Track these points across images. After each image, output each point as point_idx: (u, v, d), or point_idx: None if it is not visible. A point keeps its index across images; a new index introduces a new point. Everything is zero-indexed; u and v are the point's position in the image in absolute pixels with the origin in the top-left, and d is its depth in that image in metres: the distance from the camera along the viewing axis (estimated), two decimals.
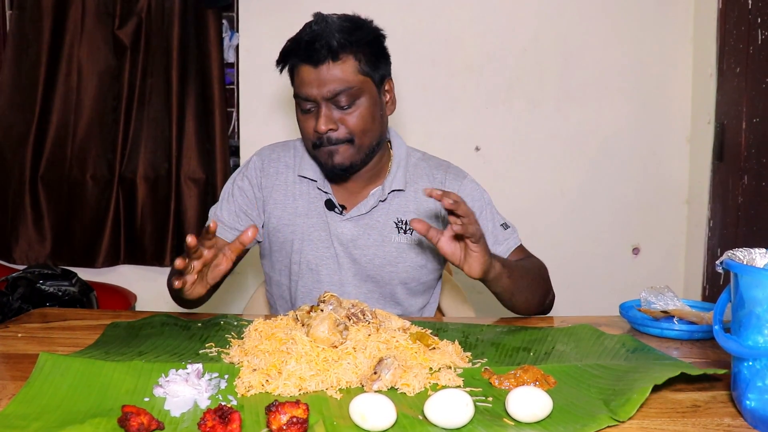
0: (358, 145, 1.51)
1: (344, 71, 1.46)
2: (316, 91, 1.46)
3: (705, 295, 2.69)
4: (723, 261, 0.97)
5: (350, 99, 1.47)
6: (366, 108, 1.50)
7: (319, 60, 1.45)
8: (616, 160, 2.88)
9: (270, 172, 1.66)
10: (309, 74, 1.46)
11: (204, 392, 1.02)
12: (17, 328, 1.39)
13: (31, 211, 2.91)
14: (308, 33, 1.47)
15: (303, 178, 1.64)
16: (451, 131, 2.85)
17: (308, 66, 1.46)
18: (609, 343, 1.30)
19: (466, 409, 0.91)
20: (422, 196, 1.61)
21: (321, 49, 1.44)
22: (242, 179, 1.67)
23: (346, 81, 1.46)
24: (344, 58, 1.46)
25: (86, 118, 2.89)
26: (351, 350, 1.12)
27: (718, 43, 2.61)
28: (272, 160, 1.68)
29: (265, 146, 1.73)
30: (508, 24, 2.83)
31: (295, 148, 1.69)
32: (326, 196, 1.61)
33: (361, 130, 1.50)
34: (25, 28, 2.86)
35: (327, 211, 1.61)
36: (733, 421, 0.96)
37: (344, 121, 1.48)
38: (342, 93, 1.46)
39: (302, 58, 1.47)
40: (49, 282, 2.59)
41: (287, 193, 1.64)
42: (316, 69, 1.45)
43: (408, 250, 1.61)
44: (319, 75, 1.45)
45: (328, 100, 1.46)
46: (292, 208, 1.63)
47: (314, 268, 1.62)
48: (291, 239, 1.63)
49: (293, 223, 1.62)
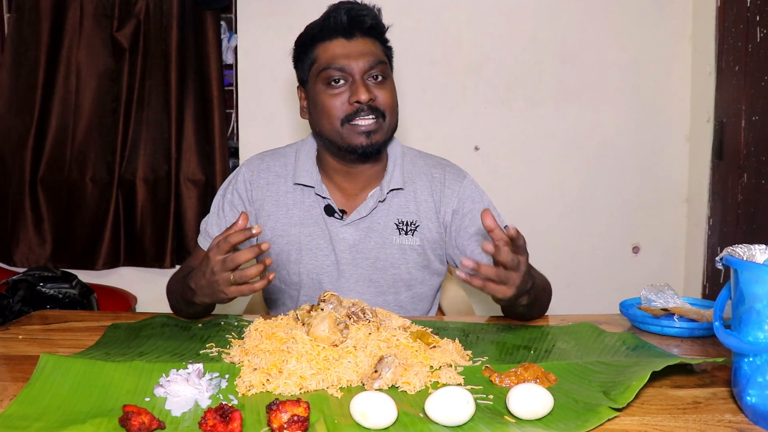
0: (388, 122, 1.53)
1: (376, 47, 1.53)
2: (354, 62, 1.48)
3: (705, 293, 2.70)
4: (723, 257, 0.97)
5: (384, 74, 1.52)
6: (393, 86, 1.55)
7: (361, 32, 1.50)
8: (615, 158, 2.89)
9: (260, 184, 1.63)
10: (345, 47, 1.49)
11: (205, 392, 1.02)
12: (18, 330, 1.39)
13: (31, 214, 2.91)
14: (346, 8, 1.50)
15: (298, 186, 1.60)
16: (450, 131, 2.86)
17: (343, 39, 1.49)
18: (609, 340, 1.30)
19: (467, 407, 0.91)
20: (421, 195, 1.60)
21: (366, 21, 1.50)
22: (232, 193, 1.64)
23: (380, 56, 1.52)
24: (376, 38, 1.54)
25: (85, 121, 2.90)
26: (351, 349, 1.12)
27: (717, 41, 2.61)
28: (261, 170, 1.64)
29: (254, 156, 1.69)
30: (507, 24, 2.83)
31: (286, 156, 1.66)
32: (325, 201, 1.58)
33: (392, 105, 1.53)
34: (24, 31, 2.87)
35: (326, 218, 1.58)
36: (734, 417, 0.96)
37: (379, 95, 1.50)
38: (378, 66, 1.50)
39: (341, 32, 1.49)
40: (49, 284, 2.58)
41: (279, 204, 1.61)
42: (352, 42, 1.49)
43: (410, 251, 1.59)
44: (357, 47, 1.49)
45: (365, 72, 1.49)
46: (286, 218, 1.60)
47: (315, 278, 1.60)
48: (287, 250, 1.60)
49: (288, 234, 1.59)
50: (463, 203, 1.61)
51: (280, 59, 2.81)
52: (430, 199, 1.61)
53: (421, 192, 1.61)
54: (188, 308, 1.44)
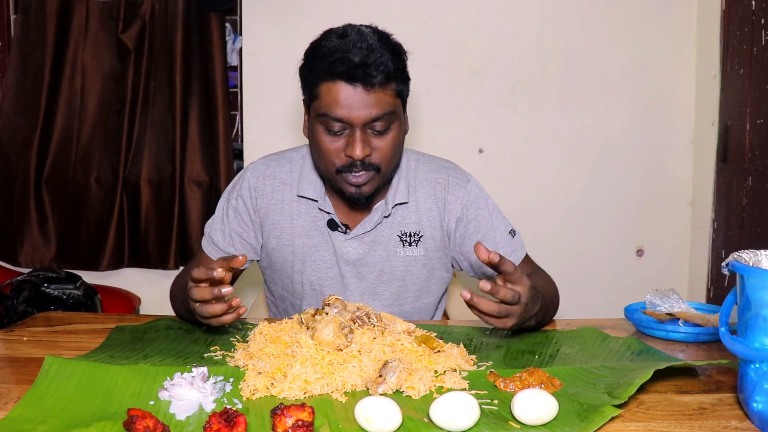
0: (383, 173, 1.45)
1: (385, 95, 1.38)
2: (356, 114, 1.35)
3: (709, 297, 2.69)
4: (729, 263, 0.97)
5: (387, 125, 1.40)
6: (397, 133, 1.43)
7: (372, 84, 1.34)
8: (619, 161, 2.88)
9: (265, 191, 1.59)
10: (349, 96, 1.35)
11: (209, 395, 1.02)
12: (22, 332, 1.39)
13: (35, 215, 2.91)
14: (358, 54, 1.34)
15: (302, 198, 1.57)
16: (454, 133, 2.85)
17: (348, 86, 1.35)
18: (614, 345, 1.30)
19: (471, 412, 0.91)
20: (423, 205, 1.57)
21: (377, 75, 1.34)
22: (236, 199, 1.60)
23: (387, 105, 1.38)
24: (390, 83, 1.38)
25: (90, 122, 2.90)
26: (356, 353, 1.12)
27: (721, 44, 2.60)
28: (267, 177, 1.59)
29: (259, 160, 1.64)
30: (511, 26, 2.83)
31: (292, 162, 1.61)
32: (328, 216, 1.55)
33: (390, 157, 1.43)
34: (30, 33, 2.87)
35: (330, 232, 1.56)
36: (740, 423, 0.96)
37: (377, 147, 1.40)
38: (381, 118, 1.38)
39: (347, 78, 1.34)
40: (53, 285, 2.59)
41: (284, 213, 1.58)
42: (358, 90, 1.35)
43: (414, 262, 1.58)
44: (362, 98, 1.35)
45: (366, 125, 1.38)
46: (290, 228, 1.57)
47: (318, 289, 1.59)
48: (291, 260, 1.58)
49: (292, 244, 1.57)
50: (468, 209, 1.58)
51: (284, 61, 2.81)
52: (433, 207, 1.58)
53: (423, 201, 1.58)
54: (189, 316, 1.41)
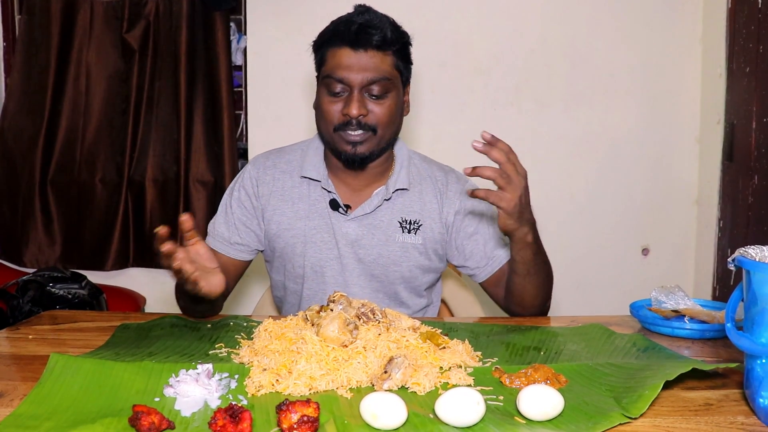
0: (380, 136, 1.53)
1: (384, 62, 1.50)
2: (354, 75, 1.48)
3: (715, 296, 2.68)
4: (735, 258, 0.96)
5: (383, 90, 1.50)
6: (393, 102, 1.53)
7: (367, 46, 1.48)
8: (625, 160, 2.88)
9: (266, 180, 1.65)
10: (350, 58, 1.48)
11: (214, 392, 1.02)
12: (28, 330, 1.39)
13: (41, 215, 2.92)
14: (360, 18, 1.49)
15: (304, 180, 1.63)
16: (459, 133, 2.85)
17: (350, 50, 1.48)
18: (620, 342, 1.29)
19: (477, 408, 0.91)
20: (426, 196, 1.63)
21: (374, 35, 1.47)
22: (239, 190, 1.67)
23: (385, 71, 1.50)
24: (387, 50, 1.50)
25: (95, 122, 2.91)
26: (361, 350, 1.12)
27: (727, 42, 2.60)
28: (267, 167, 1.67)
29: (259, 155, 1.73)
30: (516, 26, 2.83)
31: (292, 153, 1.69)
32: (330, 195, 1.61)
33: (386, 122, 1.52)
34: (34, 33, 2.88)
35: (331, 212, 1.61)
36: (746, 419, 0.95)
37: (373, 111, 1.51)
38: (378, 82, 1.49)
39: (349, 41, 1.48)
40: (59, 285, 2.60)
41: (285, 198, 1.63)
42: (358, 54, 1.48)
43: (412, 249, 1.61)
44: (361, 60, 1.48)
45: (363, 87, 1.49)
46: (292, 212, 1.62)
47: (318, 270, 1.62)
48: (292, 243, 1.62)
49: (294, 227, 1.62)
50: (465, 203, 1.64)
51: (289, 60, 2.81)
52: (434, 200, 1.63)
53: (426, 193, 1.64)
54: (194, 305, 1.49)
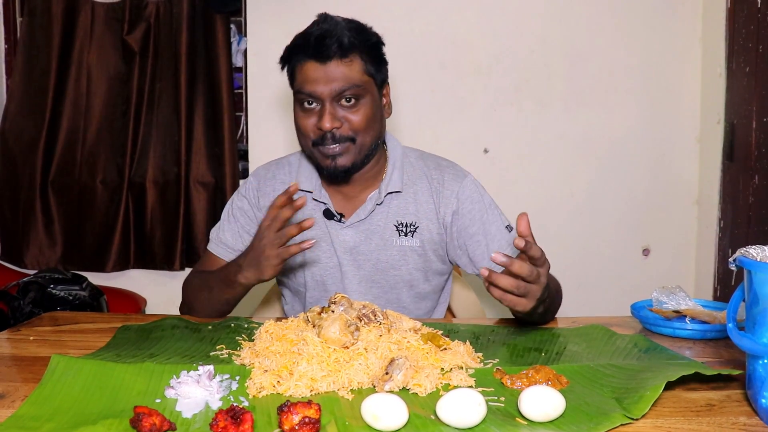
0: (359, 144, 1.50)
1: (351, 69, 1.47)
2: (322, 87, 1.45)
3: (716, 296, 2.68)
4: (736, 258, 0.96)
5: (355, 97, 1.48)
6: (369, 108, 1.50)
7: (329, 56, 1.44)
8: (625, 160, 2.88)
9: (267, 191, 1.65)
10: (315, 71, 1.46)
11: (215, 393, 1.01)
12: (29, 332, 1.39)
13: (41, 216, 2.93)
14: (317, 30, 1.47)
15: (300, 192, 1.61)
16: (459, 133, 2.85)
17: (315, 62, 1.46)
18: (621, 343, 1.29)
19: (478, 409, 0.91)
20: (421, 197, 1.61)
21: (331, 45, 1.44)
22: (240, 200, 1.68)
23: (353, 79, 1.47)
24: (352, 57, 1.47)
25: (96, 123, 2.91)
26: (362, 351, 1.11)
27: (727, 42, 2.60)
28: (268, 179, 1.67)
29: (260, 166, 1.73)
30: (516, 25, 2.83)
31: (290, 164, 1.69)
32: (324, 206, 1.60)
33: (363, 128, 1.50)
34: (35, 35, 2.89)
35: (327, 221, 1.60)
36: (749, 419, 0.95)
37: (348, 120, 1.48)
38: (348, 90, 1.46)
39: (310, 54, 1.46)
40: (59, 286, 2.60)
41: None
42: (324, 65, 1.45)
43: (410, 252, 1.60)
44: (327, 72, 1.45)
45: (333, 98, 1.46)
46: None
47: (320, 280, 1.62)
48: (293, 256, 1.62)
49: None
50: (463, 203, 1.61)
51: None
52: (429, 201, 1.61)
53: (421, 194, 1.62)
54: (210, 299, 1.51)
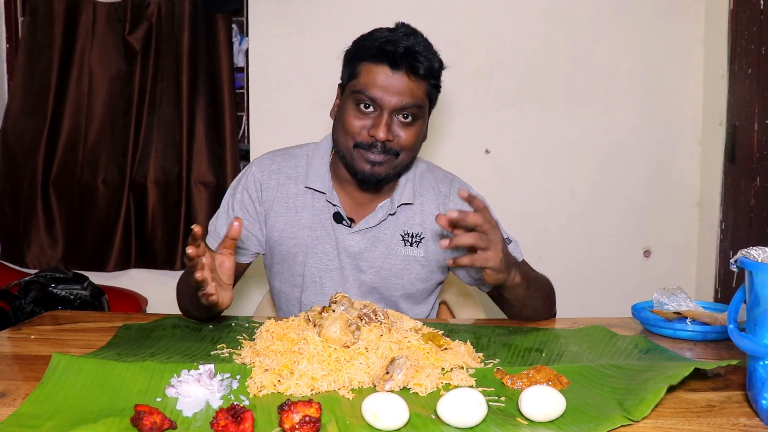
0: (401, 160, 1.51)
1: (419, 89, 1.47)
2: (389, 97, 1.44)
3: (717, 298, 2.68)
4: (737, 259, 0.96)
5: (413, 116, 1.48)
6: (420, 129, 1.51)
7: (409, 71, 1.44)
8: (626, 162, 2.87)
9: (270, 185, 1.62)
10: (387, 78, 1.44)
11: (216, 392, 1.02)
12: (30, 330, 1.39)
13: (43, 216, 2.93)
14: (407, 41, 1.44)
15: (309, 189, 1.60)
16: (461, 134, 2.85)
17: (389, 70, 1.44)
18: (622, 344, 1.29)
19: (479, 409, 0.91)
20: (428, 208, 1.62)
21: (420, 63, 1.44)
22: (242, 192, 1.63)
23: (418, 98, 1.46)
24: (426, 79, 1.47)
25: (97, 123, 2.92)
26: (363, 350, 1.11)
27: (729, 44, 2.60)
28: (272, 171, 1.63)
29: (264, 155, 1.68)
30: (518, 27, 2.83)
31: (297, 157, 1.65)
32: (334, 208, 1.59)
33: (410, 147, 1.50)
34: (37, 35, 2.89)
35: (335, 224, 1.59)
36: (749, 420, 0.95)
37: (399, 135, 1.47)
38: (410, 108, 1.46)
39: (389, 61, 1.44)
40: (61, 286, 2.60)
41: (289, 206, 1.61)
42: (395, 75, 1.44)
43: (414, 262, 1.61)
44: (397, 83, 1.44)
45: (395, 110, 1.45)
46: (295, 221, 1.60)
47: (318, 281, 1.61)
48: (294, 252, 1.61)
49: (296, 236, 1.60)
50: None
51: (291, 62, 2.82)
52: (436, 212, 1.62)
53: (428, 206, 1.63)
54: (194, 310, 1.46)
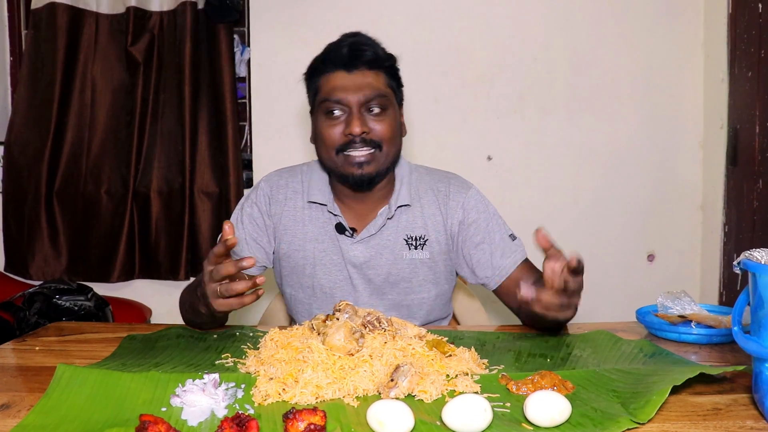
0: (385, 152, 1.54)
1: (377, 80, 1.54)
2: (351, 95, 1.50)
3: (722, 301, 2.67)
4: (741, 261, 0.96)
5: (381, 107, 1.53)
6: (393, 119, 1.56)
7: (361, 65, 1.52)
8: (628, 166, 2.87)
9: (279, 199, 1.66)
10: (344, 79, 1.52)
11: (221, 401, 1.02)
12: (34, 342, 1.40)
13: (47, 227, 2.93)
14: (348, 41, 1.54)
15: (312, 204, 1.64)
16: (463, 141, 2.85)
17: (344, 72, 1.52)
18: (627, 348, 1.29)
19: (484, 415, 0.90)
20: (428, 210, 1.63)
21: (365, 53, 1.52)
22: (251, 206, 1.68)
23: (380, 89, 1.53)
24: (378, 70, 1.54)
25: (100, 134, 2.92)
26: (367, 358, 1.12)
27: (729, 47, 2.60)
28: (280, 186, 1.68)
29: (272, 172, 1.74)
30: (518, 34, 2.84)
31: (302, 173, 1.70)
32: (336, 219, 1.61)
33: (389, 137, 1.54)
34: (40, 47, 2.90)
35: (338, 235, 1.61)
36: (756, 423, 0.95)
37: (375, 128, 1.52)
38: (375, 99, 1.52)
39: (340, 64, 1.52)
40: (65, 297, 2.60)
41: (296, 219, 1.64)
42: (352, 74, 1.52)
43: (420, 264, 1.62)
44: (355, 80, 1.51)
45: (362, 105, 1.51)
46: (302, 234, 1.63)
47: (328, 292, 1.63)
48: (302, 264, 1.63)
49: (304, 249, 1.63)
50: (468, 213, 1.64)
51: (293, 71, 2.81)
52: (437, 213, 1.63)
53: (428, 207, 1.64)
54: (196, 318, 1.48)
